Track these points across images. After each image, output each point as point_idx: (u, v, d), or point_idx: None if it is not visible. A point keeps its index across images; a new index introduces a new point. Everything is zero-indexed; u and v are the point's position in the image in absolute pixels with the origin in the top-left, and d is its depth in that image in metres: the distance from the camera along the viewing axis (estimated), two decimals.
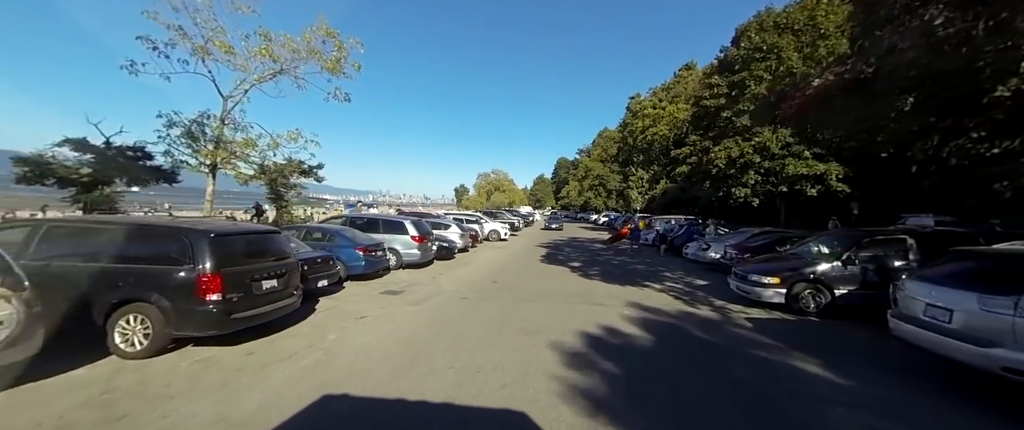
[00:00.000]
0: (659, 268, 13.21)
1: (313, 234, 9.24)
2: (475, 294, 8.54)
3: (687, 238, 16.35)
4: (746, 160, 19.79)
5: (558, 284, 9.92)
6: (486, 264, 13.29)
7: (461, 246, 15.87)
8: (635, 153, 53.48)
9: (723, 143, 20.68)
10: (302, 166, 15.99)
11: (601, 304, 7.81)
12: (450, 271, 11.57)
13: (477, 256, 15.48)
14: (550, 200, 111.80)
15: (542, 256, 15.98)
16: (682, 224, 18.43)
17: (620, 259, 15.71)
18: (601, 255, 17.03)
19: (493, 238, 22.30)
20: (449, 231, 15.96)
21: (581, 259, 15.39)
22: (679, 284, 10.21)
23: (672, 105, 46.85)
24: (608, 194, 65.52)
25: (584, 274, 11.65)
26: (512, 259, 14.92)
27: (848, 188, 17.69)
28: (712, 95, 21.73)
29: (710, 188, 23.07)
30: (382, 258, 9.70)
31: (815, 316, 6.73)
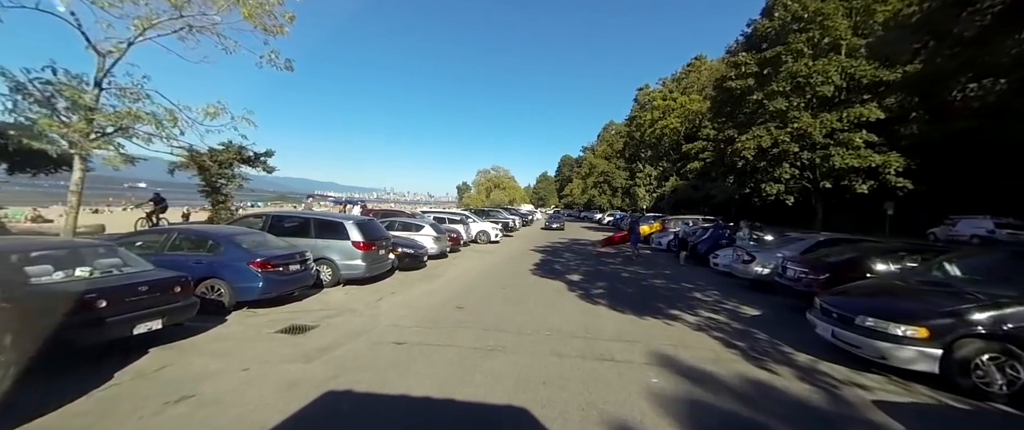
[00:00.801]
0: (684, 284, 10.22)
1: (185, 240, 6.34)
2: (421, 334, 5.64)
3: (713, 244, 13.33)
4: (781, 150, 16.71)
5: (548, 314, 6.97)
6: (460, 278, 10.38)
7: (435, 252, 12.98)
8: (643, 148, 50.30)
9: (752, 131, 17.60)
10: (243, 153, 13.16)
11: (612, 359, 4.86)
12: (406, 289, 8.66)
13: (453, 265, 12.57)
14: (553, 198, 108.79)
15: (535, 265, 13.04)
16: (706, 226, 15.35)
17: (631, 269, 12.72)
18: (606, 263, 14.06)
19: (482, 240, 19.39)
20: (420, 234, 13.06)
21: (582, 269, 12.43)
22: (721, 314, 7.22)
23: (684, 96, 43.61)
24: (613, 192, 62.33)
25: (585, 294, 8.70)
26: (496, 270, 12.00)
27: (910, 183, 14.57)
28: (738, 75, 18.63)
29: (734, 184, 20.00)
30: (300, 274, 6.81)
31: (1006, 402, 3.74)
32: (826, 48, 16.06)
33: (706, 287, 9.77)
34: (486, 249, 17.30)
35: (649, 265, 13.84)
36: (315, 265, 8.11)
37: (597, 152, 72.16)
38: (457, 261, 13.41)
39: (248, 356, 4.63)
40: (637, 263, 14.30)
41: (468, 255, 15.16)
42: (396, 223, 13.51)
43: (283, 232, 8.34)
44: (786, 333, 5.99)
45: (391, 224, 13.51)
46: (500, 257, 14.90)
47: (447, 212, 19.96)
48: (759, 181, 18.07)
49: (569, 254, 16.47)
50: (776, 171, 17.16)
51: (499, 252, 16.52)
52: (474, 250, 16.81)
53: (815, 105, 16.78)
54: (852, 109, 15.02)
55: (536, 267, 12.57)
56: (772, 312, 7.32)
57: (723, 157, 20.85)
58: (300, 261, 6.88)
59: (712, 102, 23.47)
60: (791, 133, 16.01)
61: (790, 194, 17.57)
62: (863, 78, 14.77)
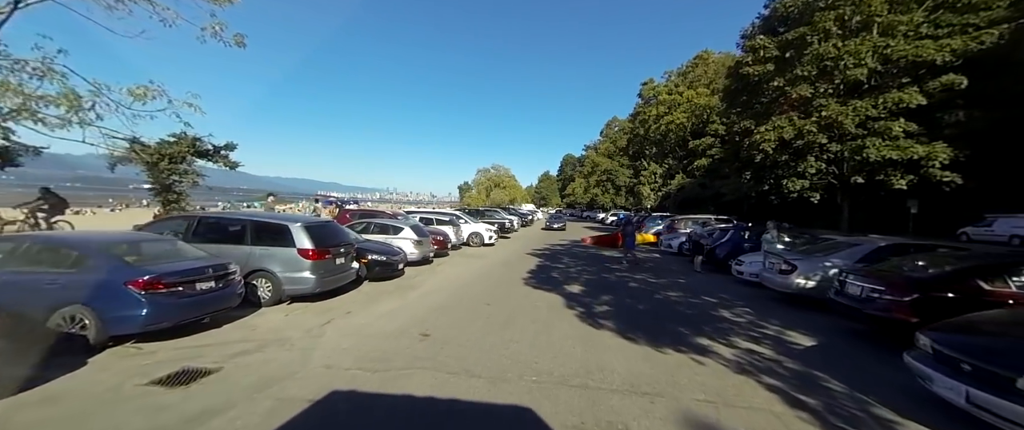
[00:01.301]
0: (705, 297, 8.55)
1: (43, 252, 4.72)
2: (358, 381, 4.03)
3: (734, 247, 11.65)
4: (806, 142, 14.97)
5: (538, 344, 5.34)
6: (438, 290, 8.76)
7: (415, 257, 11.39)
8: (647, 145, 48.54)
9: (772, 121, 15.87)
10: (198, 146, 11.59)
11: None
12: (367, 307, 7.05)
13: (436, 273, 10.96)
14: (555, 198, 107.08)
15: (529, 273, 11.40)
16: (723, 228, 13.62)
17: (641, 278, 11.05)
18: (611, 269, 12.41)
19: (474, 243, 17.77)
20: (399, 237, 11.47)
21: (584, 278, 10.79)
22: (764, 344, 5.56)
23: (690, 90, 41.82)
24: (617, 191, 60.61)
25: (586, 313, 7.06)
26: (483, 279, 10.37)
27: (959, 178, 12.79)
28: (756, 61, 16.88)
29: (750, 180, 18.24)
30: (215, 294, 5.21)
31: None
32: (857, 27, 14.32)
33: (733, 302, 8.09)
34: (477, 253, 15.68)
35: (660, 272, 12.16)
36: (250, 279, 6.54)
37: (599, 150, 70.42)
38: (441, 268, 11.79)
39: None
40: (646, 270, 12.62)
41: (455, 261, 13.54)
42: (372, 226, 11.93)
43: (212, 238, 6.76)
44: (870, 380, 4.31)
45: (367, 227, 11.94)
46: (491, 263, 13.27)
47: (436, 212, 18.35)
48: (779, 177, 16.36)
49: (569, 259, 14.82)
50: (800, 165, 15.44)
51: (491, 256, 14.89)
52: (464, 254, 15.19)
53: (843, 91, 15.05)
54: (888, 94, 13.28)
55: (530, 275, 10.93)
56: (831, 341, 5.65)
57: (738, 151, 19.13)
58: (217, 276, 5.28)
59: (725, 91, 21.72)
60: (818, 123, 14.28)
61: (815, 191, 15.85)
62: (902, 58, 13.03)
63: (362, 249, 9.03)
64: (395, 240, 11.43)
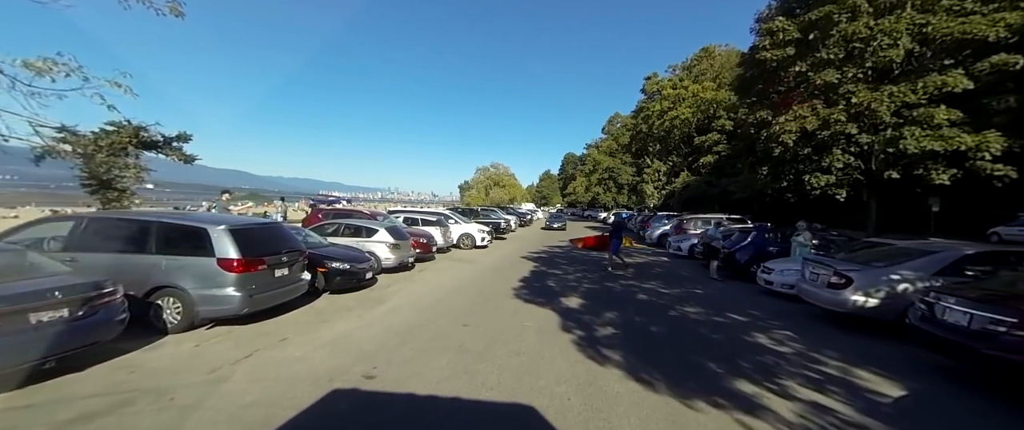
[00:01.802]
0: (731, 314, 7.03)
1: None
2: None
3: (757, 252, 10.14)
4: (833, 133, 13.42)
5: (517, 395, 3.85)
6: (408, 305, 7.28)
7: (391, 263, 9.95)
8: (650, 142, 46.91)
9: (794, 110, 14.30)
10: (142, 136, 10.13)
11: None
12: (309, 332, 5.57)
13: (413, 282, 9.48)
14: (557, 197, 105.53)
15: (522, 281, 9.91)
16: (741, 229, 12.05)
17: (651, 287, 9.54)
18: (614, 275, 10.91)
19: (465, 245, 16.29)
20: (372, 240, 10.01)
21: (584, 287, 9.29)
22: (831, 392, 4.03)
23: (696, 84, 40.21)
24: (619, 189, 59.03)
25: (586, 338, 5.56)
26: (466, 289, 8.88)
27: (1014, 171, 11.20)
28: (774, 45, 15.30)
29: (767, 176, 16.66)
30: (63, 328, 3.73)
31: None
32: (890, 3, 12.75)
33: (767, 322, 6.58)
34: (467, 257, 14.19)
35: (671, 279, 10.64)
36: (153, 298, 5.08)
37: (601, 148, 68.75)
38: (421, 275, 10.31)
39: None
40: (655, 276, 11.11)
41: (440, 266, 12.06)
42: (343, 227, 10.45)
43: (105, 246, 5.28)
44: None
45: (337, 229, 10.47)
46: (480, 268, 11.78)
47: (423, 212, 16.88)
48: (801, 172, 14.81)
49: (568, 264, 13.32)
50: (824, 159, 13.89)
51: (482, 261, 13.40)
52: (451, 258, 13.71)
53: (873, 76, 13.48)
54: (929, 78, 11.72)
55: (523, 285, 9.44)
56: (925, 387, 4.13)
57: (752, 145, 17.55)
58: (73, 301, 3.80)
59: (737, 81, 20.10)
60: (848, 110, 12.72)
61: (841, 187, 14.31)
62: (946, 37, 11.47)
63: (320, 256, 7.56)
64: (367, 244, 9.96)
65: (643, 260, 14.70)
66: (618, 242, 11.99)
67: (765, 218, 21.05)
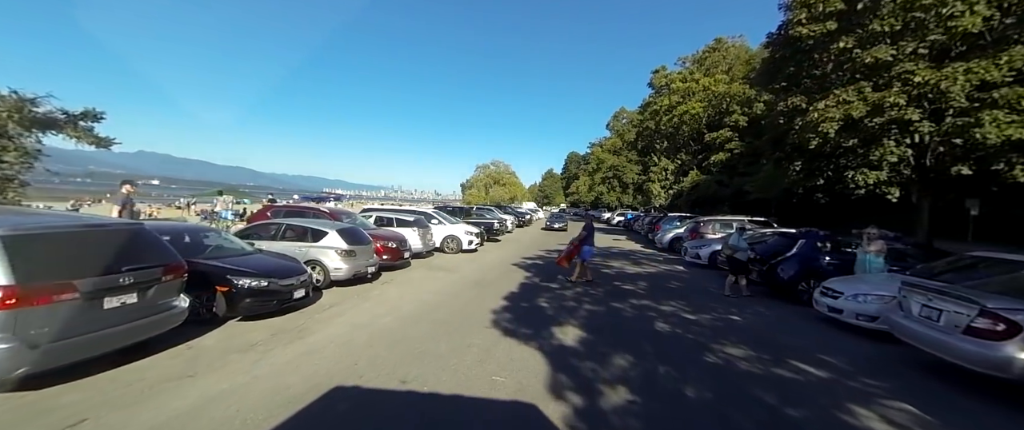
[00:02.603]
0: (797, 363, 4.85)
1: None
2: None
3: (806, 266, 7.96)
4: (887, 120, 11.20)
5: None
6: (336, 344, 5.15)
7: (342, 275, 7.89)
8: (658, 139, 44.67)
9: (835, 94, 12.08)
10: (31, 111, 8.08)
11: None
12: (130, 410, 3.49)
13: (365, 301, 7.37)
14: (559, 196, 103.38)
15: (506, 298, 7.78)
16: (785, 235, 9.77)
17: (670, 308, 7.38)
18: (625, 290, 8.77)
19: (449, 249, 14.21)
20: (320, 245, 7.95)
21: (585, 307, 7.15)
22: None
23: (707, 77, 37.90)
24: (623, 189, 56.81)
25: (588, 415, 3.44)
26: (430, 313, 6.75)
27: None
28: (810, 18, 13.03)
29: (799, 173, 14.41)
30: None
31: None
32: None
33: (861, 380, 4.41)
34: (448, 264, 12.09)
35: (695, 298, 8.47)
36: None
37: (605, 146, 66.43)
38: (381, 290, 8.20)
39: None
40: (674, 294, 8.96)
41: (412, 276, 9.97)
42: (285, 229, 8.36)
43: None
44: None
45: (276, 231, 8.38)
46: (459, 280, 9.66)
47: (401, 210, 14.82)
48: (843, 167, 12.59)
49: (562, 280, 11.18)
50: (874, 152, 11.67)
51: (464, 269, 11.30)
52: (429, 266, 11.61)
53: (936, 52, 11.25)
54: (1014, 50, 9.50)
55: (506, 305, 7.32)
56: None
57: (780, 138, 15.33)
58: None
59: (763, 64, 17.82)
60: (909, 92, 10.50)
61: (893, 186, 12.09)
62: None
63: (222, 270, 5.48)
64: (313, 250, 7.89)
65: (655, 269, 12.55)
66: (590, 248, 9.69)
67: (785, 221, 18.80)
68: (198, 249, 5.97)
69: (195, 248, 5.95)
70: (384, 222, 12.44)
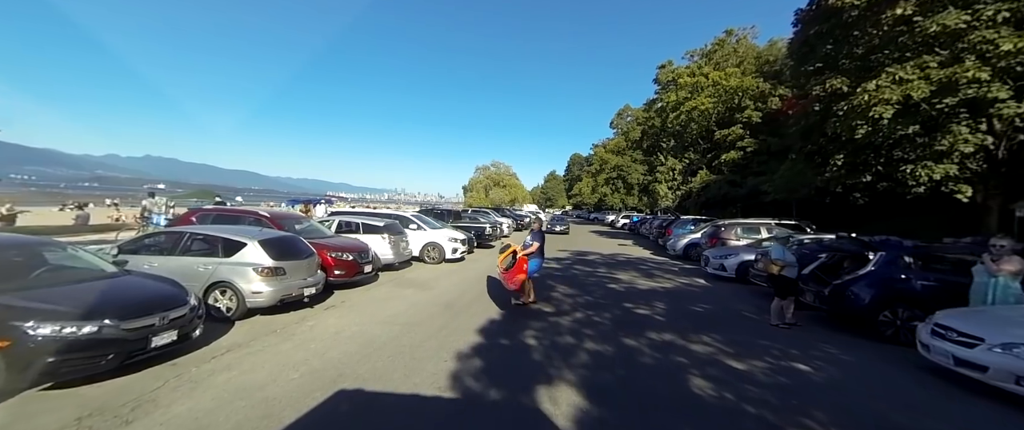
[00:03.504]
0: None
1: None
2: None
3: (890, 287, 5.84)
4: (960, 101, 9.09)
5: None
6: None
7: (262, 300, 5.87)
8: (664, 137, 42.51)
9: (889, 72, 9.98)
10: None
11: None
12: None
13: (285, 340, 5.34)
14: (562, 198, 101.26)
15: (480, 333, 5.73)
16: (851, 248, 7.52)
17: (705, 349, 5.29)
18: (639, 316, 6.71)
19: (430, 259, 12.20)
20: (233, 260, 5.97)
21: (588, 346, 5.08)
22: None
23: (717, 71, 35.77)
24: (628, 190, 54.64)
25: None
26: (363, 362, 4.70)
27: None
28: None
29: (840, 169, 12.24)
30: None
31: None
32: None
33: None
34: (423, 278, 10.07)
35: (736, 331, 6.38)
36: None
37: (608, 146, 64.26)
38: (317, 320, 6.18)
39: None
40: (705, 323, 6.88)
41: (372, 295, 7.95)
42: (189, 240, 6.34)
43: None
44: None
45: (178, 242, 6.38)
46: (429, 301, 7.62)
47: (373, 214, 12.83)
48: (900, 160, 10.47)
49: (566, 290, 9.12)
50: (941, 140, 9.56)
51: (442, 284, 9.27)
52: (399, 281, 9.61)
53: (1020, 16, 9.13)
54: None
55: (481, 341, 5.28)
56: None
57: (816, 127, 13.20)
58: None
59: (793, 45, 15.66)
60: (993, 64, 8.40)
61: (967, 183, 9.97)
62: None
63: None
64: (223, 267, 5.89)
65: (671, 284, 10.46)
66: (539, 262, 7.39)
67: (822, 228, 16.60)
68: (11, 274, 3.99)
69: (9, 272, 3.98)
70: (347, 228, 10.47)
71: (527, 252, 7.10)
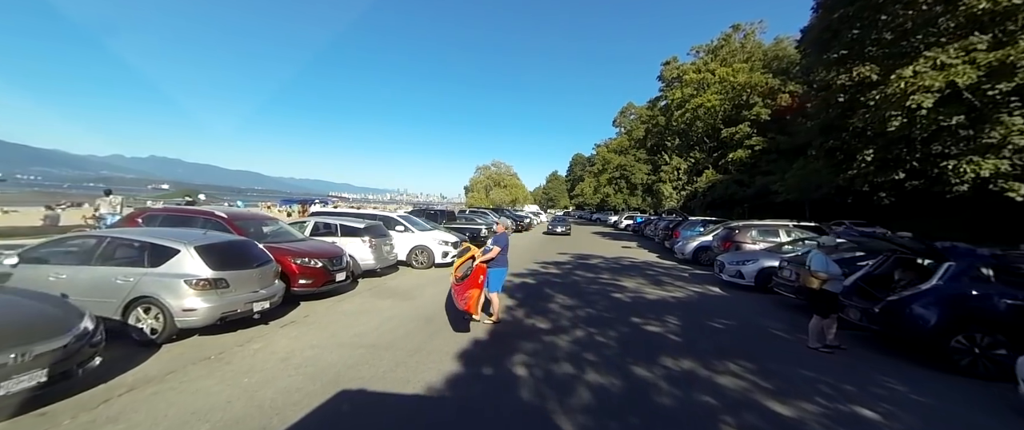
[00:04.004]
0: None
1: None
2: None
3: (968, 305, 4.75)
4: (1012, 87, 7.99)
5: None
6: None
7: (196, 319, 4.84)
8: (669, 136, 41.43)
9: (927, 57, 8.89)
10: None
11: None
12: None
13: (218, 367, 4.31)
14: (564, 199, 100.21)
15: (461, 355, 4.69)
16: (923, 255, 6.35)
17: (734, 381, 4.21)
18: (655, 337, 5.65)
19: (419, 263, 11.20)
20: (160, 271, 4.91)
21: (590, 379, 4.00)
22: None
23: (724, 67, 34.66)
24: (631, 190, 53.50)
25: None
26: (299, 404, 3.67)
27: None
28: None
29: (869, 165, 11.14)
30: None
31: None
32: None
33: None
34: (405, 286, 9.04)
35: (759, 348, 5.31)
36: None
37: (610, 146, 63.13)
38: (265, 342, 5.14)
39: None
40: (727, 344, 5.81)
41: (343, 307, 6.93)
42: (109, 247, 5.31)
43: None
44: None
45: (95, 249, 5.35)
46: (407, 315, 6.57)
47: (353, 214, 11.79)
48: (941, 156, 9.37)
49: (564, 301, 8.06)
50: (990, 132, 8.46)
51: (427, 293, 8.20)
52: (380, 289, 8.58)
53: None
54: None
55: (458, 371, 4.22)
56: None
57: (838, 120, 12.09)
58: None
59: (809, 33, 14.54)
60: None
61: (1018, 181, 8.85)
62: None
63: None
64: (147, 279, 4.88)
65: (683, 294, 9.38)
66: (502, 272, 6.13)
67: (804, 220, 15.45)
68: None
69: None
70: (325, 230, 9.45)
71: (487, 259, 5.83)
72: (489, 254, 5.97)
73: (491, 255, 5.96)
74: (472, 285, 5.52)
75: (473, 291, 5.49)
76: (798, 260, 7.71)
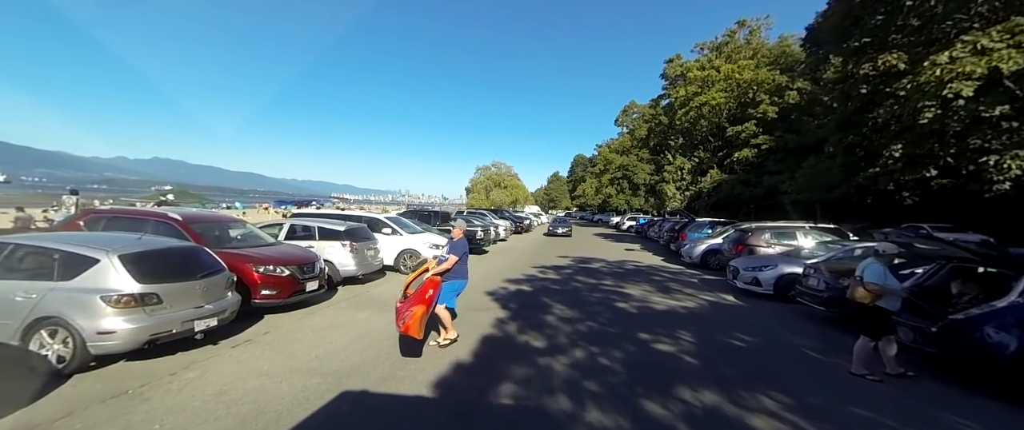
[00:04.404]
0: None
1: None
2: None
3: None
4: None
5: None
6: None
7: (118, 343, 3.97)
8: (672, 135, 40.52)
9: (965, 41, 8.01)
10: None
11: None
12: None
13: (129, 411, 3.48)
14: (565, 200, 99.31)
15: (439, 383, 3.83)
16: (969, 263, 5.47)
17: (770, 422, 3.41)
18: (667, 357, 4.80)
19: (407, 268, 10.37)
20: (76, 285, 4.06)
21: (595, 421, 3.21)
22: None
23: (729, 64, 33.76)
24: (634, 190, 52.54)
25: None
26: None
27: None
28: None
29: (897, 162, 10.23)
30: None
31: None
32: None
33: None
34: (387, 295, 8.19)
35: (791, 375, 4.44)
36: None
37: (612, 146, 62.18)
38: (204, 369, 4.26)
39: None
40: (753, 368, 4.93)
41: (311, 321, 6.07)
42: (28, 256, 4.49)
43: None
44: None
45: (1, 258, 4.54)
46: (379, 331, 5.71)
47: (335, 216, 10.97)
48: (980, 150, 8.47)
49: (565, 310, 7.19)
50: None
51: None
52: (360, 299, 7.75)
53: None
54: None
55: (436, 399, 3.37)
56: None
57: (858, 114, 11.20)
58: None
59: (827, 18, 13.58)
60: None
61: None
62: None
63: None
64: (54, 293, 4.04)
65: (694, 303, 8.50)
66: (461, 284, 5.20)
67: (822, 221, 14.52)
68: None
69: None
70: (301, 233, 8.63)
71: (440, 270, 4.88)
72: (443, 264, 4.99)
73: (446, 265, 4.98)
74: (417, 301, 4.51)
75: (417, 308, 4.42)
76: (833, 266, 6.84)
